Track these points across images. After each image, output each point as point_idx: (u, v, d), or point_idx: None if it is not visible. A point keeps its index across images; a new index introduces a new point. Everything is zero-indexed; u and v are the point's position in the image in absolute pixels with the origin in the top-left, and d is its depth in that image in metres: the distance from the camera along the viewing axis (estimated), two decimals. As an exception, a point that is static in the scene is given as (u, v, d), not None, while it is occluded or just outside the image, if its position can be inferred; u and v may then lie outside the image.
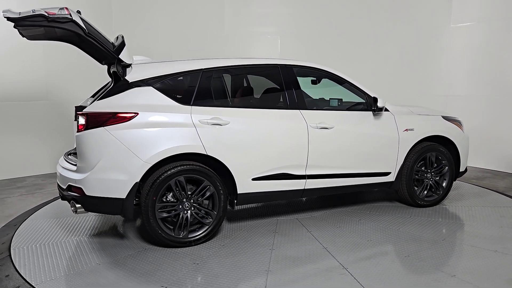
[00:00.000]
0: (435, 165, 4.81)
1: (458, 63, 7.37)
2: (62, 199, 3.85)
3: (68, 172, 3.66)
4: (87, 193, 3.45)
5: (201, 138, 3.64)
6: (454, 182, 5.02)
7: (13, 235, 4.06)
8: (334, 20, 8.00)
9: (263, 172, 3.93)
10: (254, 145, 3.88)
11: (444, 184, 4.88)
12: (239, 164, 3.81)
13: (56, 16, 3.21)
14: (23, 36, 3.72)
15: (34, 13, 3.17)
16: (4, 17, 3.17)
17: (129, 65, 3.71)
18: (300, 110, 4.16)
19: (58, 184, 3.89)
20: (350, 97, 4.63)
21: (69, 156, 3.99)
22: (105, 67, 4.22)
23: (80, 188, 3.46)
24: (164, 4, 7.76)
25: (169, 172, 3.52)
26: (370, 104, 4.47)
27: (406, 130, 4.61)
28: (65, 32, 3.61)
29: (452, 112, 7.19)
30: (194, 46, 7.63)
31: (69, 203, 3.62)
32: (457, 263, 3.32)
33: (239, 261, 3.37)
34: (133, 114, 3.46)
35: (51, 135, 6.86)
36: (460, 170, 5.01)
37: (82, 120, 3.43)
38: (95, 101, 3.51)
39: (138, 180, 3.46)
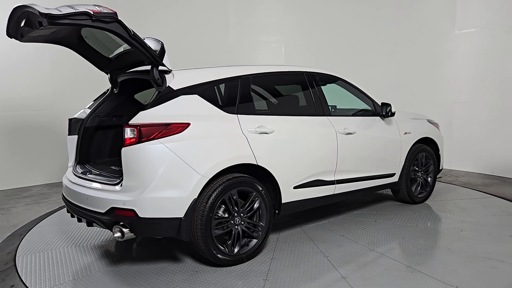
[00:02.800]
0: (424, 164, 5.24)
1: (463, 70, 7.37)
2: (84, 223, 3.45)
3: (106, 193, 3.24)
4: (140, 215, 3.07)
5: (252, 147, 3.51)
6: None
7: (19, 244, 4.06)
8: (338, 28, 8.02)
9: (302, 180, 3.91)
10: (296, 153, 3.86)
11: (430, 181, 5.36)
12: (284, 173, 3.74)
13: (101, 15, 2.90)
14: (18, 39, 3.42)
15: (77, 11, 2.83)
16: (43, 13, 2.79)
17: (170, 72, 3.50)
18: (327, 117, 4.21)
19: (73, 205, 3.51)
20: (356, 103, 4.75)
21: (90, 175, 3.63)
22: (103, 76, 4.23)
23: (132, 210, 3.07)
24: (168, 13, 7.82)
25: (223, 185, 3.30)
26: (377, 110, 4.74)
27: (406, 133, 4.99)
28: (71, 34, 3.57)
29: (458, 119, 7.45)
30: (199, 55, 7.66)
31: (108, 229, 3.23)
32: (463, 275, 3.27)
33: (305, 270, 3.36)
34: (185, 125, 3.22)
35: (57, 145, 6.88)
36: (440, 168, 5.54)
37: (130, 133, 3.08)
38: (140, 112, 3.19)
39: (196, 196, 3.18)
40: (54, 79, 6.90)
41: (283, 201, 3.79)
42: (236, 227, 3.46)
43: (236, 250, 3.47)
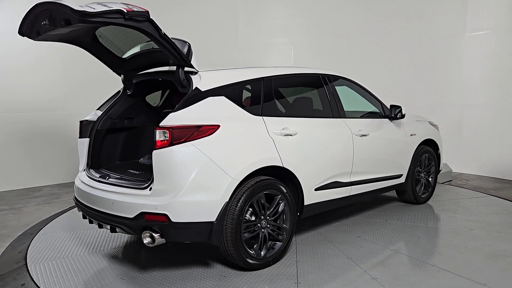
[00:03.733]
0: (426, 165, 5.36)
1: (474, 72, 7.29)
2: (108, 229, 3.33)
3: (134, 197, 3.11)
4: (173, 220, 2.98)
5: (278, 150, 3.47)
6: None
7: (30, 244, 4.05)
8: (347, 30, 7.99)
9: (322, 181, 3.91)
10: (318, 155, 3.87)
11: (432, 182, 5.47)
12: (306, 175, 3.73)
13: (134, 13, 2.78)
14: (32, 37, 3.33)
15: (110, 9, 2.71)
16: (77, 10, 2.65)
17: (196, 73, 3.42)
18: (343, 119, 4.24)
19: (92, 210, 3.37)
20: (364, 105, 4.82)
21: (111, 179, 3.49)
22: (114, 78, 4.12)
23: (164, 215, 2.97)
24: (178, 14, 7.71)
25: (252, 188, 3.25)
26: (385, 112, 4.82)
27: (411, 135, 5.09)
28: (86, 33, 3.45)
29: (469, 122, 7.40)
30: (208, 57, 7.53)
31: (136, 234, 3.13)
32: (487, 272, 3.35)
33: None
34: (216, 127, 3.14)
35: (67, 146, 6.90)
36: (439, 169, 5.65)
37: (161, 136, 3.00)
38: (170, 113, 3.09)
39: (227, 199, 3.13)
40: (65, 81, 6.96)
41: (305, 203, 3.78)
42: (262, 230, 3.43)
43: (263, 253, 3.43)
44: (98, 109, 4.09)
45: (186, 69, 3.37)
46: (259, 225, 3.39)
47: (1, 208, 5.54)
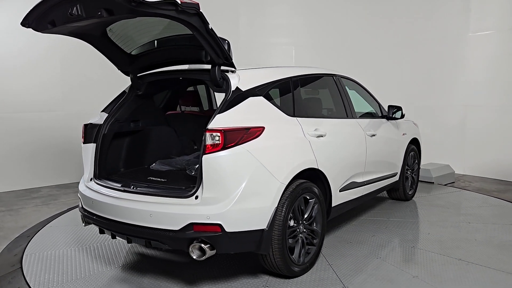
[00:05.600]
0: (412, 163, 5.59)
1: (477, 72, 7.19)
2: (141, 244, 3.09)
3: (180, 207, 2.83)
4: (227, 229, 2.75)
5: (314, 151, 3.37)
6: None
7: (26, 246, 3.99)
8: (349, 30, 7.96)
9: (344, 182, 3.88)
10: (343, 155, 3.85)
11: (415, 179, 5.73)
12: (334, 176, 3.67)
13: (186, 5, 2.56)
14: (38, 29, 2.99)
15: (163, 0, 2.48)
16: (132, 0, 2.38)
17: (234, 71, 3.23)
18: (356, 119, 4.26)
19: (116, 223, 3.04)
20: (362, 105, 4.88)
21: (138, 188, 3.13)
22: (120, 76, 3.76)
23: (218, 225, 2.74)
24: None
25: (294, 192, 3.10)
26: (383, 112, 4.95)
27: (403, 134, 5.27)
28: (97, 27, 3.15)
29: (472, 123, 7.31)
30: None
31: (180, 248, 2.88)
32: (508, 263, 3.53)
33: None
34: (261, 129, 2.96)
35: (67, 146, 6.86)
36: (420, 166, 5.89)
37: (211, 139, 2.76)
38: (217, 115, 2.87)
39: (276, 204, 2.96)
40: (64, 81, 6.88)
41: (332, 205, 3.73)
42: (300, 235, 3.31)
43: (302, 259, 3.31)
44: (103, 111, 3.68)
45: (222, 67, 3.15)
46: (297, 230, 3.27)
47: (-1, 209, 5.45)
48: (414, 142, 5.66)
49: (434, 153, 7.42)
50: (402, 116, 4.97)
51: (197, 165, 3.61)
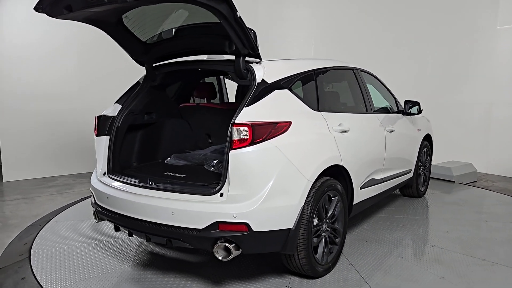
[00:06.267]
0: (424, 159, 5.47)
1: (504, 67, 6.89)
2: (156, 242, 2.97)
3: (204, 205, 2.66)
4: (254, 229, 2.61)
5: (338, 147, 3.24)
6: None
7: (36, 235, 4.01)
8: (370, 22, 7.70)
9: (365, 179, 3.76)
10: (365, 152, 3.74)
11: (427, 175, 5.61)
12: (356, 173, 3.54)
13: None
14: (52, 14, 2.83)
15: None
16: None
17: (259, 62, 3.06)
18: (376, 114, 4.13)
19: (134, 220, 2.88)
20: (379, 100, 4.76)
21: (158, 184, 2.96)
22: (137, 69, 3.60)
23: (245, 224, 2.60)
24: None
25: (320, 189, 2.97)
26: (399, 107, 4.84)
27: (418, 130, 5.14)
28: (112, 14, 2.97)
29: (497, 120, 7.02)
30: None
31: (203, 247, 2.75)
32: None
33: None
34: (288, 123, 2.81)
35: (83, 136, 7.02)
36: (431, 163, 5.77)
37: (241, 134, 2.61)
38: (243, 108, 2.71)
39: (303, 203, 2.83)
40: (82, 72, 7.03)
41: (354, 202, 3.62)
42: (323, 234, 3.19)
43: (325, 258, 3.19)
44: (116, 102, 3.52)
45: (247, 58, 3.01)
46: (321, 229, 3.16)
47: (15, 197, 5.62)
48: (427, 138, 5.56)
49: (456, 150, 7.20)
50: (420, 111, 4.85)
51: (215, 160, 3.49)
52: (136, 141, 3.69)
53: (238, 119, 2.66)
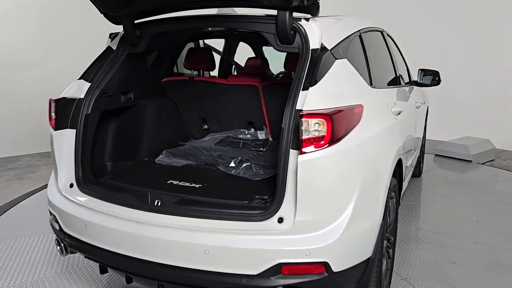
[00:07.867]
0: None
1: None
2: None
3: (258, 238, 1.75)
4: (335, 269, 1.76)
5: (401, 136, 2.56)
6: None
7: None
8: (399, 7, 6.89)
9: (406, 170, 2.99)
10: (411, 137, 3.12)
11: (423, 151, 5.06)
12: (405, 165, 2.78)
13: None
14: None
15: None
16: None
17: (309, 20, 2.10)
18: (406, 87, 3.44)
19: (141, 262, 1.87)
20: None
21: (167, 205, 1.94)
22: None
23: (323, 264, 1.74)
24: None
25: (389, 196, 2.19)
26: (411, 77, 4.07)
27: (424, 102, 4.47)
28: None
29: None
30: None
31: None
32: None
33: None
34: (360, 108, 1.96)
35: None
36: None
37: (307, 131, 1.70)
38: (310, 89, 1.78)
39: (381, 220, 2.01)
40: (44, 36, 6.09)
41: (400, 201, 2.91)
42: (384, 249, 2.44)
43: (386, 280, 2.45)
44: (81, 78, 2.38)
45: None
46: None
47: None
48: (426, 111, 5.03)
49: (469, 123, 6.50)
50: (439, 82, 4.20)
51: (235, 159, 2.54)
52: (113, 133, 2.60)
53: (307, 108, 1.73)
